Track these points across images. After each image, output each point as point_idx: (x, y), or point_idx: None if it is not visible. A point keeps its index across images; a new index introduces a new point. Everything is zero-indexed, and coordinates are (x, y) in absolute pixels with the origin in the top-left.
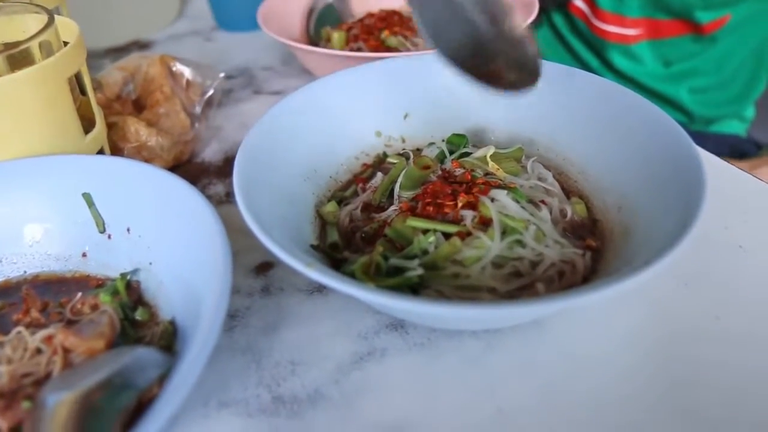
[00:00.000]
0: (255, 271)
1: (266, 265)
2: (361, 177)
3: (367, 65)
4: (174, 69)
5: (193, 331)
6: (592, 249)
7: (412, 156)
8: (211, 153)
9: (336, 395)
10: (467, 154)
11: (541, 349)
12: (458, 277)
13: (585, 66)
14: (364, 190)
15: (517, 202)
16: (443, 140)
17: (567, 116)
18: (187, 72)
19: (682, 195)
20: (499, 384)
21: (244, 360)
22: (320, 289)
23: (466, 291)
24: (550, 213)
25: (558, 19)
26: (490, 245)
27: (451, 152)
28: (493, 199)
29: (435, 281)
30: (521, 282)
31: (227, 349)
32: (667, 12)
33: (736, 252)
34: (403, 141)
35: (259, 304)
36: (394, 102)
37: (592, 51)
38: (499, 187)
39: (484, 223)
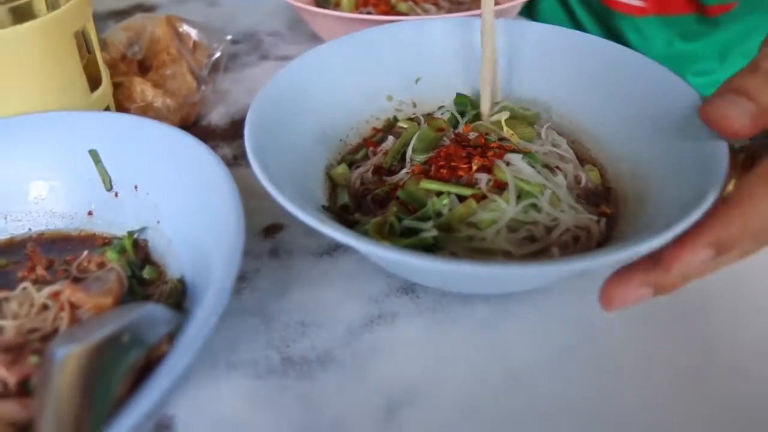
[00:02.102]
0: (263, 233)
1: (275, 228)
2: (372, 140)
3: (378, 28)
4: (180, 30)
5: (203, 290)
6: (606, 216)
7: (423, 120)
8: (217, 116)
9: (347, 358)
10: (478, 118)
11: (553, 314)
12: (473, 240)
13: None
14: (375, 153)
15: (533, 166)
16: (454, 105)
17: (580, 82)
18: (194, 33)
19: (699, 162)
20: (510, 349)
21: (253, 322)
22: (330, 251)
23: (481, 254)
24: (565, 179)
25: None
26: (506, 208)
27: (462, 114)
28: (508, 163)
29: (449, 243)
30: (536, 246)
31: (236, 310)
32: None
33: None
34: (414, 105)
35: (268, 267)
36: (406, 66)
37: (598, 22)
38: (513, 151)
39: (499, 187)
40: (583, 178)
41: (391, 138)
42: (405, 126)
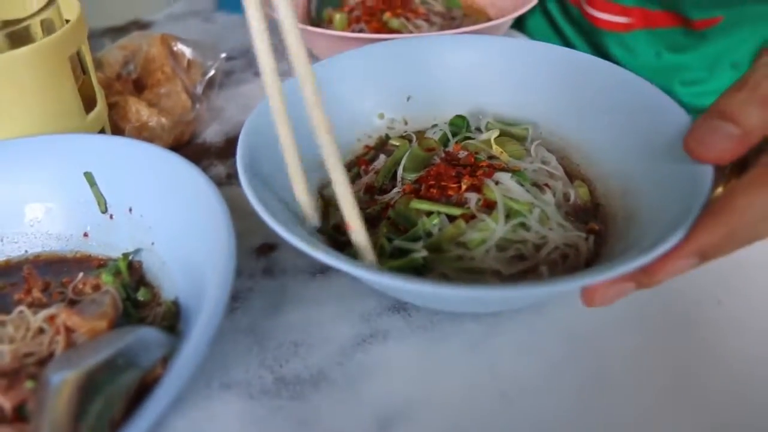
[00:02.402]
0: (256, 253)
1: (268, 247)
2: (364, 159)
3: (369, 47)
4: (175, 49)
5: (197, 311)
6: (594, 233)
7: (414, 138)
8: (212, 134)
9: (339, 377)
10: (470, 138)
11: (544, 332)
12: (462, 259)
13: None
14: (366, 172)
15: (521, 185)
16: (446, 123)
17: (569, 99)
18: (188, 52)
19: (685, 182)
20: (501, 367)
21: (246, 341)
22: (323, 270)
23: (470, 274)
24: (554, 196)
25: (552, 6)
26: (495, 228)
27: (454, 134)
28: (497, 182)
29: (439, 264)
30: (525, 265)
31: (229, 330)
32: (658, 3)
33: None
34: (406, 123)
35: (262, 286)
36: (397, 84)
37: (585, 39)
38: (503, 170)
39: (489, 206)
40: (572, 195)
41: (382, 157)
42: (397, 144)
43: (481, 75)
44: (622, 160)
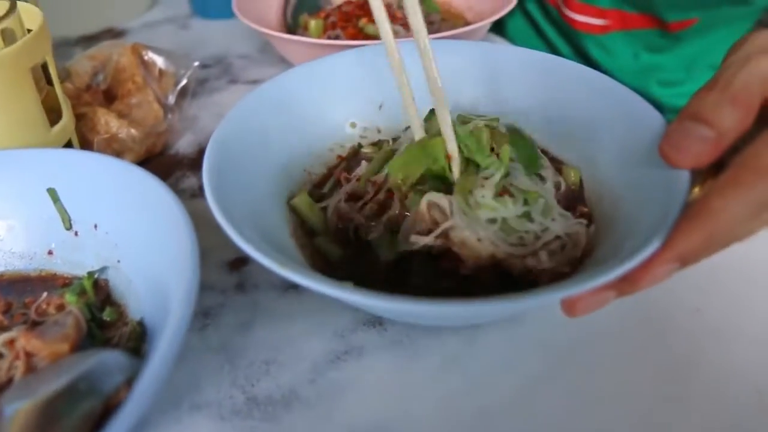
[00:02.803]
0: (229, 267)
1: (241, 261)
2: (340, 169)
3: (339, 54)
4: (146, 58)
5: (161, 332)
6: (585, 216)
7: (391, 142)
8: (185, 145)
9: (312, 396)
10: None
11: (523, 344)
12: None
13: (559, 55)
14: (348, 180)
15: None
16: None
17: (546, 103)
18: (159, 61)
19: (664, 184)
20: (480, 383)
21: (217, 360)
22: (295, 285)
23: (466, 248)
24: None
25: (532, 7)
26: (511, 206)
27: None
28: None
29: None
30: (523, 250)
31: (199, 348)
32: (634, 5)
33: None
34: (379, 131)
35: (233, 302)
36: (369, 91)
37: (566, 40)
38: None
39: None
40: (562, 184)
41: (364, 163)
42: (368, 152)
43: (456, 80)
44: (597, 165)
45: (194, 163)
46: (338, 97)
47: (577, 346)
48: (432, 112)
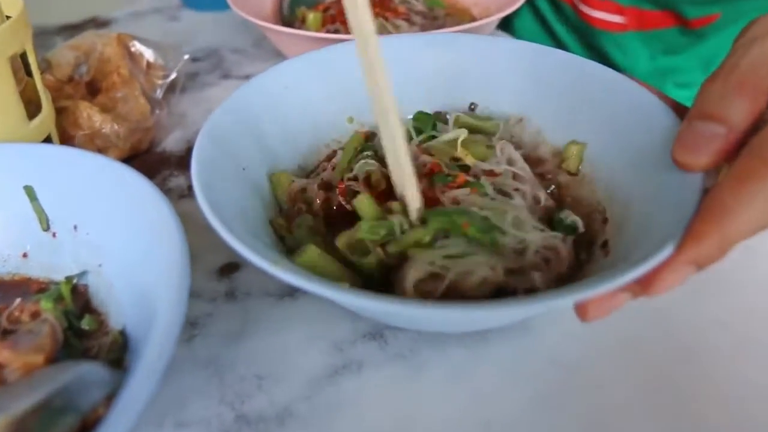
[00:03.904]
0: (219, 273)
1: (231, 267)
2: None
3: (338, 46)
4: (133, 49)
5: (146, 343)
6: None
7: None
8: (173, 142)
9: (307, 414)
10: (435, 136)
11: (531, 356)
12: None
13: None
14: (324, 169)
15: (486, 195)
16: (410, 118)
17: (547, 98)
18: (147, 53)
19: (677, 184)
20: (487, 397)
21: (205, 374)
22: (291, 293)
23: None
24: (524, 200)
25: (542, 4)
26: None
27: (418, 132)
28: (458, 203)
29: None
30: (515, 263)
31: (186, 361)
32: (654, 2)
33: (744, 251)
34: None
35: (223, 311)
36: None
37: (578, 38)
38: (462, 185)
39: None
40: (542, 197)
41: (340, 153)
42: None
43: (457, 74)
44: (606, 164)
45: (182, 161)
46: (335, 91)
47: (590, 358)
48: (421, 113)
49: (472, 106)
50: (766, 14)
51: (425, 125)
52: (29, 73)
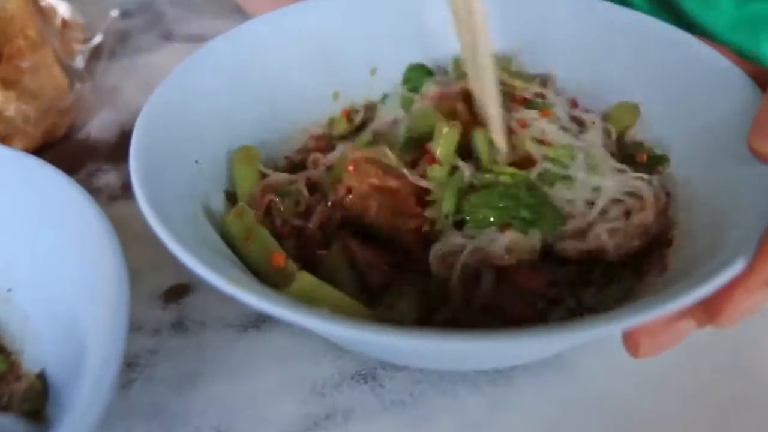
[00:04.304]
0: (164, 297)
1: (180, 289)
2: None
3: (319, 1)
4: (43, 4)
5: (73, 389)
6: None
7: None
8: (100, 126)
9: None
10: None
11: (568, 401)
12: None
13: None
14: (315, 166)
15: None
16: (399, 86)
17: (590, 61)
18: (62, 8)
19: (756, 181)
20: None
21: (147, 428)
22: (257, 323)
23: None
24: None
25: None
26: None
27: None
28: (523, 124)
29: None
30: (573, 225)
31: (123, 413)
32: None
33: None
34: (369, 106)
35: (170, 346)
36: (358, 50)
37: None
38: (528, 103)
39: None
40: (612, 130)
41: (341, 147)
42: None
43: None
44: (664, 146)
45: (114, 151)
46: (316, 59)
47: (644, 404)
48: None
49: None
50: None
51: (421, 79)
52: None
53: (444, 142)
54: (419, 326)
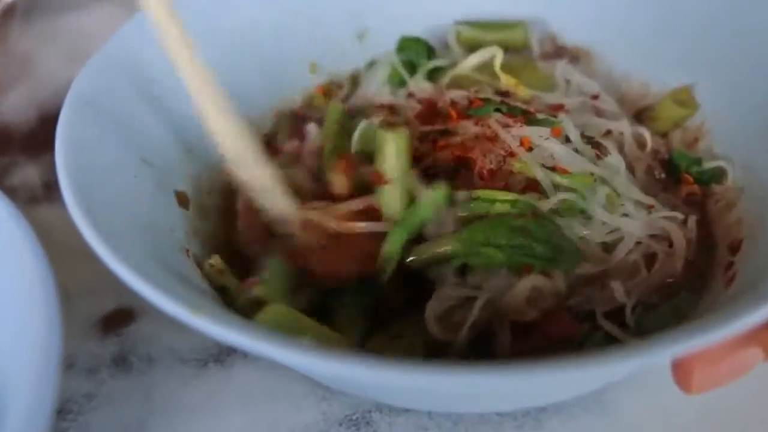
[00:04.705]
0: (102, 326)
1: (122, 316)
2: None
3: None
4: None
5: None
6: (694, 201)
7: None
8: (13, 107)
9: None
10: (441, 68)
11: None
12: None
13: None
14: (298, 157)
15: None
16: (392, 54)
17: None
18: None
19: None
20: None
21: None
22: (219, 357)
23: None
24: (621, 151)
25: None
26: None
27: (413, 69)
28: (529, 146)
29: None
30: (586, 270)
31: None
32: None
33: None
34: (355, 80)
35: (111, 388)
36: (341, 12)
37: None
38: (532, 120)
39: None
40: (647, 137)
41: (312, 127)
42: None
43: None
44: (735, 133)
45: (31, 140)
46: (291, 21)
47: None
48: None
49: None
50: None
51: (419, 56)
52: None
53: (388, 152)
54: (427, 358)
